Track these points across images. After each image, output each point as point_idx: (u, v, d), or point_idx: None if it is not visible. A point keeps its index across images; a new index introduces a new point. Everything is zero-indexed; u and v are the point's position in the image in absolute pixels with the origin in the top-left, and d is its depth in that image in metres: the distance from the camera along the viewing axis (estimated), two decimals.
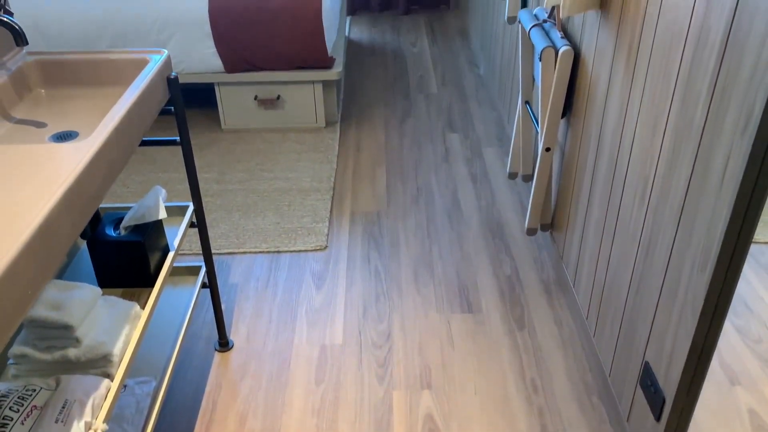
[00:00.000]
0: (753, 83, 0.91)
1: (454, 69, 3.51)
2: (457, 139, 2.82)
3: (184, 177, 2.56)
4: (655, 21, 1.27)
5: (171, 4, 2.67)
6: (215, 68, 2.77)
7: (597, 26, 1.62)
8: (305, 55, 2.75)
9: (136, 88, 1.31)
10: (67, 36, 2.68)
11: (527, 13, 2.00)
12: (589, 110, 1.69)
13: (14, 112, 1.41)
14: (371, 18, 4.33)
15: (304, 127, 2.92)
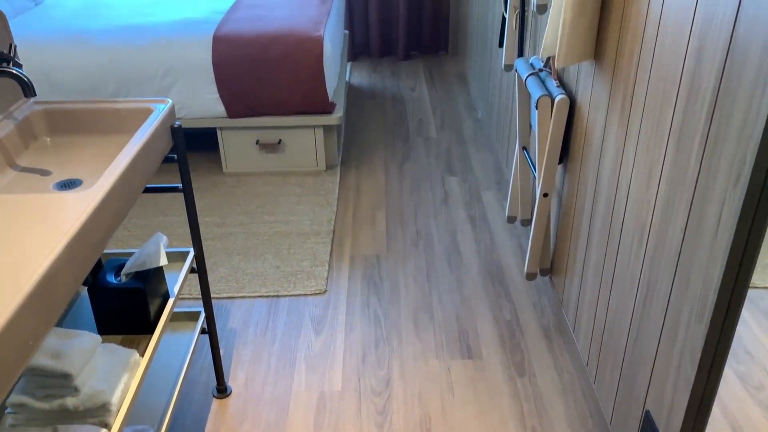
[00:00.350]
0: (743, 136, 0.94)
1: (453, 113, 3.56)
2: (456, 182, 2.84)
3: (185, 220, 2.58)
4: (647, 73, 1.30)
5: (176, 51, 2.72)
6: (218, 113, 2.82)
7: (592, 76, 1.65)
8: (307, 100, 2.80)
9: (141, 137, 1.34)
10: (73, 81, 2.73)
11: (523, 62, 2.05)
12: (585, 157, 1.72)
13: (20, 161, 1.43)
14: (371, 63, 4.42)
15: (304, 170, 2.95)
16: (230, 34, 2.75)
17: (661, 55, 1.24)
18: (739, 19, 0.96)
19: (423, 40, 4.53)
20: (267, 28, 2.79)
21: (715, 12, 1.03)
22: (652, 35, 1.28)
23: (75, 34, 2.79)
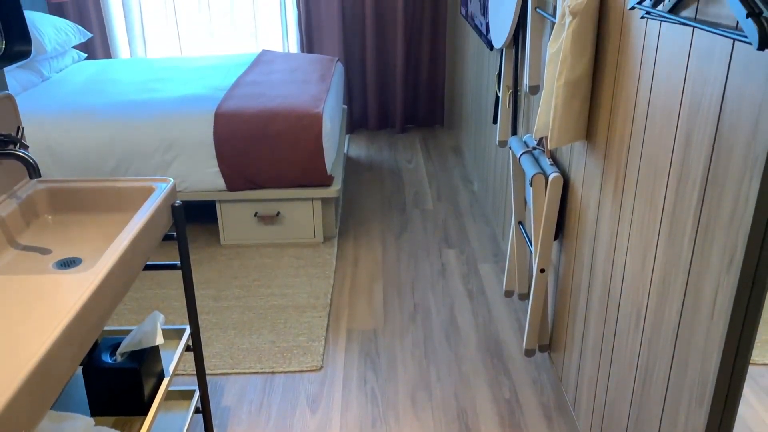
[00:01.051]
0: (734, 223, 0.96)
1: (449, 185, 3.62)
2: (453, 254, 2.86)
3: (181, 294, 2.57)
4: (638, 156, 1.34)
5: (178, 127, 2.79)
6: (217, 187, 2.86)
7: (584, 156, 1.70)
8: (306, 174, 2.84)
9: (142, 216, 1.36)
10: (75, 156, 2.78)
11: (517, 140, 2.10)
12: (580, 234, 1.74)
13: (21, 239, 1.44)
14: (369, 136, 4.51)
15: (302, 242, 2.97)
16: (232, 110, 2.82)
17: (651, 139, 1.28)
18: (724, 110, 1.00)
19: (419, 114, 4.65)
20: (268, 104, 2.87)
21: (701, 101, 1.07)
22: (642, 120, 1.32)
23: (79, 110, 2.86)
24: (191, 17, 4.36)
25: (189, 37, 4.42)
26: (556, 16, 1.79)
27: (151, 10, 4.31)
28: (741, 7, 0.89)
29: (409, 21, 4.34)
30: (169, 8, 4.31)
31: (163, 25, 4.37)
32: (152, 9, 4.31)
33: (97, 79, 3.40)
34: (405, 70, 4.41)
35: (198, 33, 4.41)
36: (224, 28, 4.41)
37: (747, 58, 0.95)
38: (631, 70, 1.38)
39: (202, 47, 4.45)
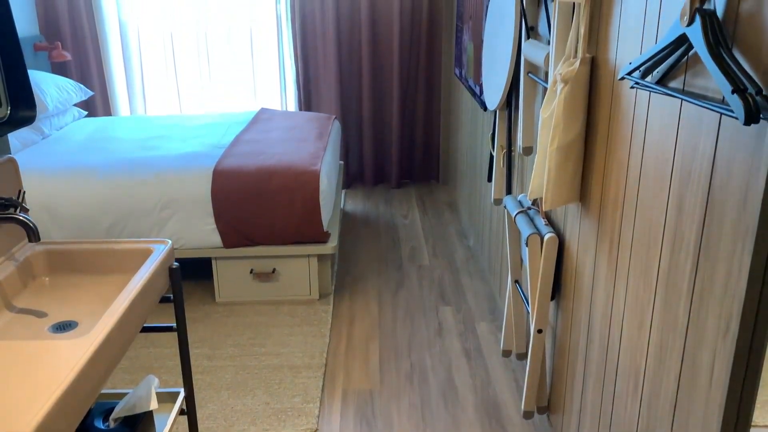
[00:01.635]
0: (728, 292, 0.97)
1: (445, 241, 3.63)
2: (449, 312, 2.85)
3: (175, 352, 2.54)
4: (632, 220, 1.36)
5: (176, 185, 2.81)
6: (213, 244, 2.86)
7: (579, 217, 1.72)
8: (302, 231, 2.86)
9: (139, 279, 1.36)
10: (72, 214, 2.79)
11: (512, 199, 2.13)
12: (577, 295, 1.74)
13: (17, 301, 1.44)
14: (365, 191, 4.55)
15: (298, 299, 2.96)
16: (230, 168, 2.85)
17: (643, 205, 1.30)
18: (714, 180, 1.02)
19: (415, 169, 4.70)
20: (266, 162, 2.91)
21: (692, 170, 1.10)
22: (634, 185, 1.35)
23: (78, 169, 2.89)
24: (191, 75, 4.45)
25: (189, 95, 4.50)
26: (547, 82, 1.85)
27: (152, 68, 4.41)
28: (726, 83, 0.92)
29: (405, 79, 4.44)
30: (170, 66, 4.40)
31: (163, 83, 4.45)
32: (153, 67, 4.41)
33: (97, 136, 3.44)
34: (401, 126, 4.49)
35: (198, 91, 4.49)
36: (224, 86, 4.50)
37: (734, 130, 0.98)
38: (622, 137, 1.41)
39: (202, 104, 4.53)
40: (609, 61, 1.48)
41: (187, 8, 4.28)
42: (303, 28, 4.29)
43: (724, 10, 1.01)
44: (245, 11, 4.32)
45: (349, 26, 4.33)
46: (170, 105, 4.50)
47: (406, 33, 4.33)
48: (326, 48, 4.33)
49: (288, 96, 4.50)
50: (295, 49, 4.32)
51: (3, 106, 1.40)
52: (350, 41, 4.36)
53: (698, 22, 1.00)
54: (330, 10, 4.21)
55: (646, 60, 1.17)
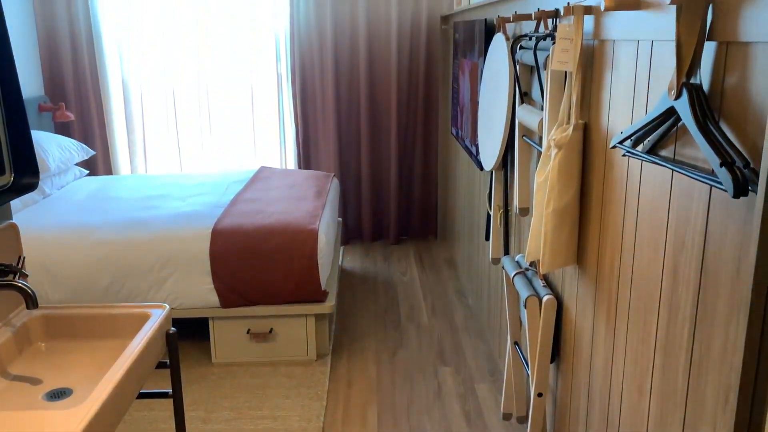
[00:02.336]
0: (726, 362, 0.97)
1: (444, 299, 3.62)
2: (449, 373, 2.81)
3: (169, 416, 2.50)
4: (628, 285, 1.37)
5: (175, 244, 2.82)
6: (211, 303, 2.85)
7: (576, 279, 1.72)
8: (300, 290, 2.85)
9: (136, 346, 1.35)
10: (70, 273, 2.79)
11: (510, 260, 2.14)
12: (576, 359, 1.73)
13: (12, 368, 1.43)
14: (363, 247, 4.56)
15: (295, 360, 2.92)
16: (229, 227, 2.87)
17: (639, 270, 1.31)
18: (707, 249, 1.04)
19: (413, 226, 4.73)
20: (265, 221, 2.92)
21: (685, 238, 1.11)
22: (630, 250, 1.36)
23: (77, 228, 2.91)
24: (192, 134, 4.53)
25: (190, 153, 4.56)
26: (542, 146, 1.88)
27: (153, 127, 4.48)
28: (715, 156, 0.95)
29: (402, 137, 4.51)
30: (171, 125, 4.47)
31: (164, 142, 4.52)
32: (154, 126, 4.48)
33: (97, 196, 3.47)
34: (398, 183, 4.54)
35: (199, 149, 4.55)
36: (225, 144, 4.56)
37: (725, 200, 1.00)
38: (616, 202, 1.43)
39: (203, 163, 4.58)
40: (601, 127, 1.52)
41: (189, 67, 4.38)
42: (303, 87, 4.39)
43: (709, 83, 1.05)
44: (246, 70, 4.43)
45: (347, 86, 4.43)
46: (171, 163, 4.56)
47: (404, 92, 4.43)
48: (325, 107, 4.42)
49: (287, 154, 4.56)
50: (295, 108, 4.41)
51: (6, 173, 1.43)
52: (349, 100, 4.46)
53: (685, 96, 1.04)
54: (329, 71, 4.32)
55: (636, 130, 1.20)
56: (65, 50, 4.23)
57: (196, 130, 4.52)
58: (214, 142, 4.56)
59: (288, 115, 4.47)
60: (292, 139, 4.50)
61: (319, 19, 4.27)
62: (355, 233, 4.71)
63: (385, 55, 4.37)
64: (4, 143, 1.44)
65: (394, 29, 4.27)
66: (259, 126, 4.55)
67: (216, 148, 4.57)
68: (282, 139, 4.54)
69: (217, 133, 4.55)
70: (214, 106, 4.49)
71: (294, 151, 4.52)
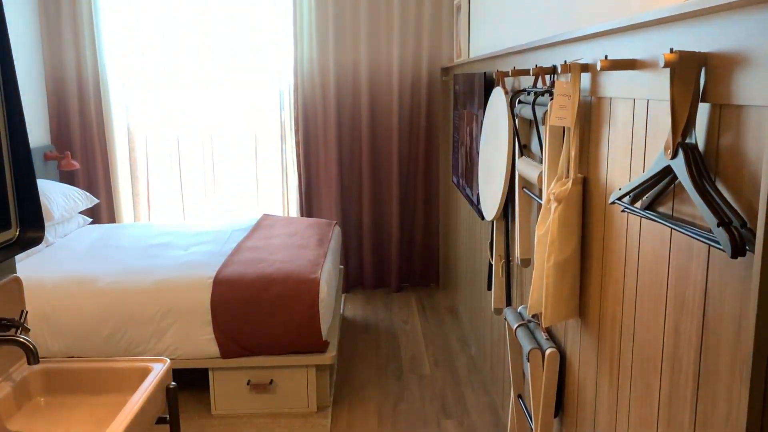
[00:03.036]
0: (730, 424, 0.96)
1: (446, 349, 3.59)
2: (451, 426, 2.77)
3: None
4: (631, 340, 1.36)
5: (176, 293, 2.82)
6: (211, 354, 2.83)
7: (579, 332, 1.72)
8: (301, 340, 2.83)
9: (136, 402, 1.34)
10: (70, 323, 2.78)
11: (512, 311, 2.13)
12: (580, 413, 1.71)
13: (11, 424, 1.41)
14: (365, 295, 4.55)
15: (295, 411, 2.88)
16: (230, 277, 2.87)
17: (641, 326, 1.31)
18: (708, 307, 1.04)
19: (414, 273, 4.72)
20: (266, 270, 2.93)
21: (686, 295, 1.12)
22: (631, 305, 1.36)
23: (79, 277, 2.91)
24: (196, 182, 4.57)
25: (193, 201, 4.60)
26: (541, 198, 1.90)
27: (157, 175, 4.53)
28: (712, 216, 0.96)
29: (404, 185, 4.55)
30: (175, 173, 4.52)
31: (168, 190, 4.56)
32: (158, 174, 4.53)
33: (100, 244, 3.49)
34: (400, 230, 4.56)
35: (202, 197, 4.59)
36: (228, 192, 4.60)
37: (724, 259, 1.00)
38: (616, 257, 1.44)
39: (206, 210, 4.61)
40: (600, 181, 1.54)
41: (194, 116, 4.46)
42: (306, 136, 4.45)
43: (705, 143, 1.07)
44: (250, 119, 4.50)
45: (350, 134, 4.49)
46: (174, 211, 4.59)
47: (405, 141, 4.48)
48: (328, 155, 4.47)
49: (290, 201, 4.59)
50: (298, 156, 4.46)
51: (12, 228, 1.44)
52: (351, 149, 4.51)
53: (681, 155, 1.06)
54: (332, 120, 4.39)
55: (635, 187, 1.22)
56: (72, 99, 4.31)
57: (199, 178, 4.57)
58: (218, 190, 4.60)
59: (291, 164, 4.52)
60: (295, 187, 4.54)
61: (322, 69, 4.36)
62: (356, 281, 4.70)
63: (386, 105, 4.44)
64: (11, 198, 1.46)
65: (396, 79, 4.35)
66: (262, 174, 4.60)
67: (219, 196, 4.61)
68: (285, 187, 4.57)
69: (221, 181, 4.59)
70: (218, 154, 4.55)
71: (296, 199, 4.55)
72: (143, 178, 4.50)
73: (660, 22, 1.17)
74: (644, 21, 1.18)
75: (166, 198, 4.58)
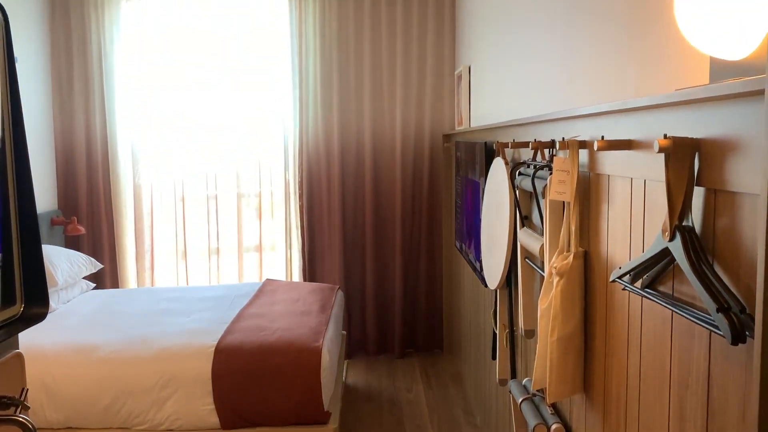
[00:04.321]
0: None
1: (451, 418, 3.52)
2: None
3: None
4: (636, 421, 1.34)
5: (177, 363, 2.80)
6: (211, 425, 2.78)
7: (584, 408, 1.69)
8: (302, 410, 2.79)
9: None
10: (69, 392, 2.75)
11: (517, 384, 2.11)
12: None
13: None
14: (367, 362, 4.49)
15: None
16: (232, 345, 2.85)
17: (646, 407, 1.29)
18: (712, 393, 1.03)
19: (418, 338, 4.67)
20: (268, 338, 2.91)
21: (689, 379, 1.11)
22: (635, 384, 1.35)
23: (80, 346, 2.90)
24: (200, 246, 4.59)
25: (197, 265, 4.61)
26: (543, 269, 1.91)
27: (162, 240, 4.56)
28: (711, 301, 0.97)
29: (407, 250, 4.57)
30: (180, 238, 4.55)
31: (172, 254, 4.58)
32: (163, 239, 4.56)
33: (102, 310, 3.48)
34: (403, 295, 4.54)
35: (205, 261, 4.61)
36: (231, 256, 4.62)
37: (725, 343, 1.00)
38: (619, 335, 1.44)
39: (210, 273, 4.62)
40: (601, 255, 1.55)
41: (199, 180, 4.52)
42: (309, 200, 4.50)
43: (701, 226, 1.09)
44: (255, 183, 4.56)
45: (353, 198, 4.54)
46: (178, 275, 4.59)
47: (408, 205, 4.53)
48: (331, 219, 4.51)
49: (293, 265, 4.60)
50: (302, 220, 4.50)
51: (17, 304, 1.45)
52: (354, 213, 4.55)
53: (679, 238, 1.07)
54: (336, 184, 4.45)
55: (634, 267, 1.23)
56: (81, 163, 4.39)
57: (203, 241, 4.59)
58: (222, 253, 4.61)
59: (294, 227, 4.55)
60: (298, 250, 4.56)
61: (326, 134, 4.45)
62: (359, 346, 4.65)
63: (389, 169, 4.51)
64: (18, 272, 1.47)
65: (399, 144, 4.43)
66: (266, 237, 4.62)
67: (223, 260, 4.62)
68: (288, 250, 4.59)
69: (225, 245, 4.62)
70: (223, 218, 4.59)
71: (299, 263, 4.56)
72: (148, 242, 4.53)
73: (653, 107, 1.21)
74: (638, 106, 1.22)
75: (170, 261, 4.59)
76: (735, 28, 0.95)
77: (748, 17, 0.93)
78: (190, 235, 4.57)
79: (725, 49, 0.98)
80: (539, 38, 2.26)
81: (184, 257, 4.58)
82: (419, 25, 4.43)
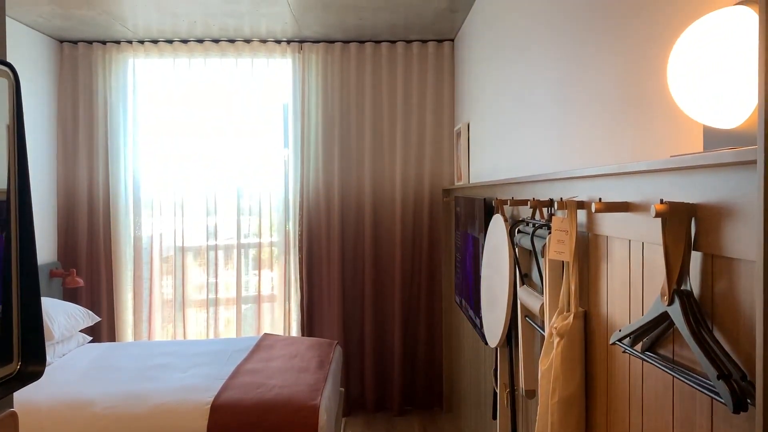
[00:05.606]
0: None
1: None
2: None
3: None
4: None
5: (171, 420, 2.75)
6: None
7: None
8: None
9: None
10: None
11: None
12: None
13: None
14: (366, 419, 4.40)
15: None
16: (228, 402, 2.81)
17: None
18: None
19: (417, 395, 4.60)
20: (265, 395, 2.86)
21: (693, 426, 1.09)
22: None
23: (74, 402, 2.85)
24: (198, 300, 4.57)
25: (194, 318, 4.58)
26: (544, 329, 1.90)
27: (161, 292, 4.54)
28: (711, 368, 0.96)
29: (406, 304, 4.54)
30: (179, 292, 4.53)
31: (170, 308, 4.55)
32: (162, 292, 4.54)
33: (98, 365, 3.43)
34: (402, 351, 4.49)
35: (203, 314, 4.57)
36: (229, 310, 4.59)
37: (727, 410, 0.99)
38: (621, 395, 1.42)
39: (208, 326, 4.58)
40: (601, 316, 1.55)
41: (198, 232, 4.53)
42: (309, 253, 4.50)
43: (699, 290, 1.09)
44: (254, 238, 4.57)
45: (353, 252, 4.54)
46: (175, 326, 4.55)
47: (408, 259, 4.53)
48: (331, 273, 4.50)
49: (291, 318, 4.56)
50: (301, 273, 4.49)
51: (14, 362, 1.44)
52: (354, 266, 4.55)
53: (677, 303, 1.07)
54: (335, 238, 4.46)
55: (634, 330, 1.23)
56: (82, 215, 4.40)
57: (202, 292, 4.57)
58: (221, 304, 4.59)
59: (294, 280, 4.54)
60: (296, 303, 4.53)
61: (327, 188, 4.49)
62: (357, 403, 4.57)
63: (389, 223, 4.53)
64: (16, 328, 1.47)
65: (399, 199, 4.47)
66: (265, 290, 4.60)
67: (221, 311, 4.59)
68: (286, 302, 4.56)
69: (224, 296, 4.59)
70: (222, 269, 4.58)
71: (297, 316, 4.53)
72: (146, 293, 4.50)
73: (649, 172, 1.23)
74: (635, 170, 1.25)
75: (168, 313, 4.56)
76: (726, 99, 0.98)
77: (739, 89, 0.96)
78: (189, 286, 4.55)
79: (717, 118, 1.01)
80: (537, 99, 2.31)
81: (182, 308, 4.55)
82: (419, 82, 4.53)
